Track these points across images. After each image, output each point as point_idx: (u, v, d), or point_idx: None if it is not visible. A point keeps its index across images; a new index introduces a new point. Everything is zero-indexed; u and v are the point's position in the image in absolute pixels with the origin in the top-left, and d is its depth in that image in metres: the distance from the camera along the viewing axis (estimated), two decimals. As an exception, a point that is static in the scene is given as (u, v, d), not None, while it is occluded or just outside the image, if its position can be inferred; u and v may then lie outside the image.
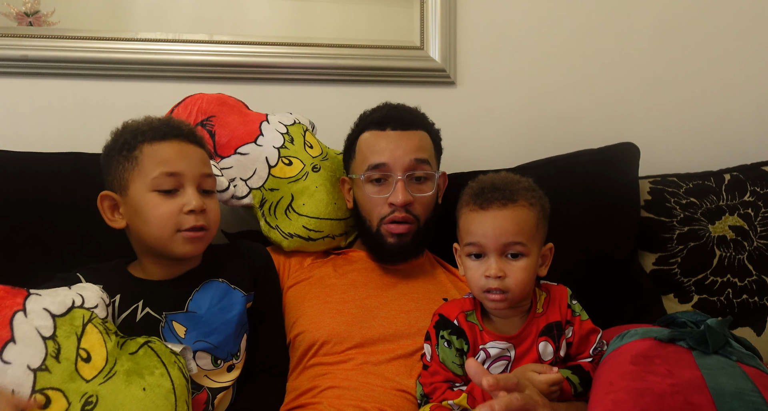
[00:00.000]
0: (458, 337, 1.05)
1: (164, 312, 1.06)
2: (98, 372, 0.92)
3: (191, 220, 1.04)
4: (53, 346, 0.90)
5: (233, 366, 1.11)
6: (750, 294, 1.43)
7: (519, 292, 1.02)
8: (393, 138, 1.24)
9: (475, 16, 1.66)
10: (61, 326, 0.92)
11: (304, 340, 1.16)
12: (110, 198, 1.07)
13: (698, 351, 0.93)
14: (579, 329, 1.06)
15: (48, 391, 0.88)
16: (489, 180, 1.07)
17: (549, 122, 1.70)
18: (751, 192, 1.49)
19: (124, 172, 1.05)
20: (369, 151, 1.25)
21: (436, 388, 1.06)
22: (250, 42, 1.56)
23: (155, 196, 1.03)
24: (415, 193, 1.23)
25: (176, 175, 1.04)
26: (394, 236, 1.23)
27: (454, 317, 1.07)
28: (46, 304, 0.93)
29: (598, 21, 1.71)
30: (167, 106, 1.30)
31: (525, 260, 1.02)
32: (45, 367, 0.89)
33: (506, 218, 1.02)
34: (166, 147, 1.05)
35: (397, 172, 1.21)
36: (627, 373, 0.91)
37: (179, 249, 1.04)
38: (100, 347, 0.95)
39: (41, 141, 1.41)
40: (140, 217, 1.04)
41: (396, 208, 1.21)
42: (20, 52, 1.47)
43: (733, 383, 0.85)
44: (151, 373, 0.95)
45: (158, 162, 1.04)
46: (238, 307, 1.10)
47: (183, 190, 1.04)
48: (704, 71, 1.74)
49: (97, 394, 0.90)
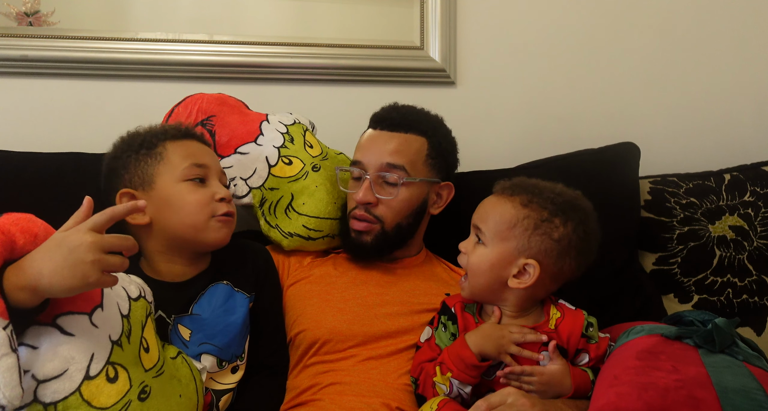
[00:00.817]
0: (453, 323, 1.07)
1: (173, 315, 1.06)
2: (153, 365, 0.93)
3: (223, 206, 1.09)
4: (127, 325, 0.90)
5: (237, 367, 1.11)
6: (750, 294, 1.43)
7: (473, 273, 1.05)
8: (374, 137, 1.26)
9: (475, 16, 1.66)
10: (134, 310, 0.93)
11: (305, 338, 1.16)
12: (130, 195, 1.07)
13: (704, 349, 0.93)
14: (596, 354, 1.04)
15: (118, 367, 0.87)
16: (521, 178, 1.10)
17: (549, 122, 1.70)
18: (751, 192, 1.49)
19: (148, 168, 1.07)
20: (355, 148, 1.28)
21: (422, 370, 1.07)
22: (250, 42, 1.56)
23: (188, 185, 1.07)
24: (382, 195, 1.22)
25: (204, 166, 1.09)
26: (354, 231, 1.24)
27: (452, 305, 1.10)
28: (125, 284, 0.93)
29: (598, 21, 1.71)
30: (167, 106, 1.30)
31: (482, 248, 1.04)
32: (120, 342, 0.88)
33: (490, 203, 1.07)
34: (189, 143, 1.11)
35: (370, 170, 1.22)
36: (632, 367, 0.91)
37: (213, 235, 1.08)
38: (155, 343, 0.96)
39: (41, 141, 1.40)
40: (172, 208, 1.05)
41: (358, 205, 1.23)
42: (20, 52, 1.47)
43: (738, 381, 0.86)
44: (187, 384, 0.97)
45: (186, 155, 1.09)
46: (242, 309, 1.11)
47: (209, 182, 1.09)
48: (704, 71, 1.74)
49: (151, 386, 0.90)
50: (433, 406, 0.98)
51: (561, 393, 1.00)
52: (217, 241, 1.09)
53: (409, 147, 1.24)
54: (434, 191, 1.28)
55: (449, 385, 1.01)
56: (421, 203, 1.26)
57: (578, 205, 1.06)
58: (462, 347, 1.01)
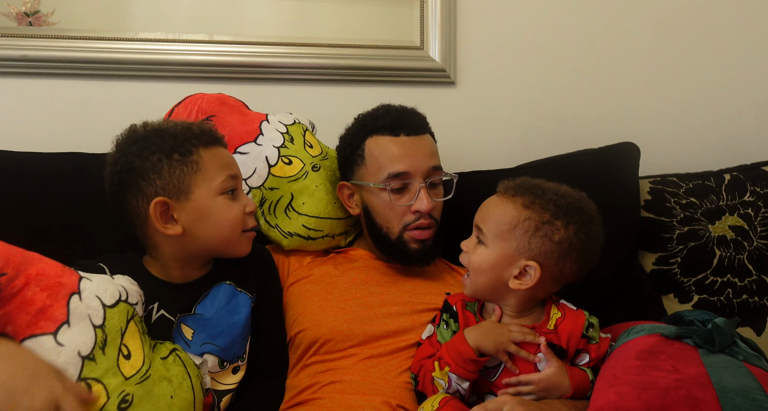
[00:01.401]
0: (455, 321, 1.08)
1: (178, 314, 1.06)
2: (136, 371, 0.91)
3: (252, 220, 1.10)
4: (101, 336, 0.89)
5: (238, 368, 1.11)
6: (750, 294, 1.43)
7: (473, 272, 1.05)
8: (409, 144, 1.23)
9: (475, 16, 1.66)
10: (110, 318, 0.91)
11: (305, 338, 1.16)
12: (162, 203, 1.01)
13: (704, 349, 0.93)
14: (597, 355, 1.04)
15: (91, 382, 0.86)
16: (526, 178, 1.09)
17: (549, 122, 1.70)
18: (751, 192, 1.49)
19: (185, 177, 1.02)
20: (385, 159, 1.23)
21: (422, 366, 1.07)
22: (250, 42, 1.56)
23: (224, 200, 1.05)
24: (435, 199, 1.24)
25: (236, 177, 1.09)
26: (418, 242, 1.23)
27: (454, 303, 1.10)
28: (99, 291, 0.92)
29: (598, 21, 1.71)
30: (167, 106, 1.30)
31: (483, 248, 1.03)
32: (92, 356, 0.87)
33: (491, 204, 1.05)
34: (221, 151, 1.09)
35: (419, 179, 1.21)
36: (632, 367, 0.91)
37: (243, 248, 1.09)
38: (138, 347, 0.94)
39: (41, 141, 1.41)
40: (209, 221, 1.04)
41: (422, 214, 1.22)
42: (20, 52, 1.47)
43: (738, 381, 0.86)
44: (180, 384, 0.96)
45: (221, 165, 1.06)
46: (245, 309, 1.10)
47: (238, 192, 1.09)
48: (704, 71, 1.74)
49: (133, 393, 0.89)
50: (435, 404, 0.98)
51: (560, 394, 1.00)
52: (243, 253, 1.10)
53: (435, 147, 1.29)
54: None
55: (447, 381, 1.01)
56: None
57: (581, 207, 1.05)
58: (461, 342, 1.01)
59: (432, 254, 1.26)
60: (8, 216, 1.21)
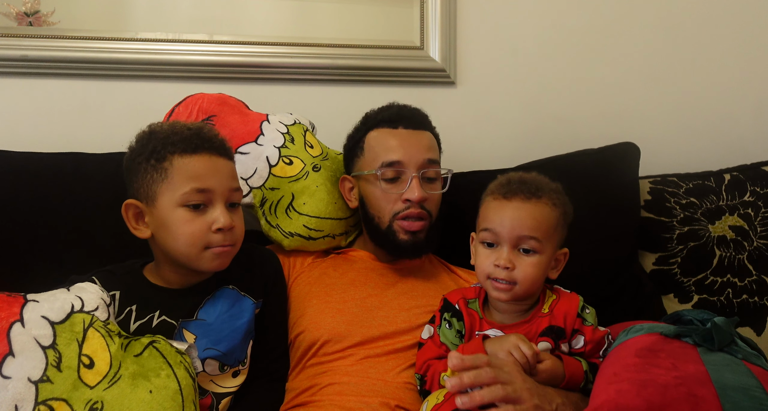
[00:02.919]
0: (458, 320, 1.07)
1: (180, 319, 1.05)
2: (102, 377, 0.91)
3: (219, 238, 1.02)
4: (54, 355, 0.88)
5: (238, 372, 1.10)
6: (750, 294, 1.43)
7: (526, 287, 1.02)
8: (405, 136, 1.26)
9: (475, 16, 1.66)
10: (61, 334, 0.90)
11: (305, 339, 1.16)
12: (135, 206, 1.03)
13: (704, 348, 0.93)
14: (592, 338, 1.04)
15: (51, 402, 0.86)
16: (518, 175, 1.09)
17: (549, 122, 1.70)
18: (751, 192, 1.49)
19: (153, 184, 1.01)
20: (382, 149, 1.25)
21: (429, 365, 1.07)
22: (250, 42, 1.56)
23: (184, 213, 1.01)
24: (428, 191, 1.24)
25: (206, 191, 1.02)
26: (408, 233, 1.23)
27: (455, 301, 1.09)
28: (45, 311, 0.91)
29: (598, 21, 1.71)
30: (167, 106, 1.30)
31: (537, 257, 1.02)
32: (46, 377, 0.86)
33: (526, 211, 1.03)
34: (197, 161, 1.02)
35: (412, 169, 1.23)
36: (631, 365, 0.91)
37: (206, 265, 1.03)
38: (103, 352, 0.93)
39: (41, 141, 1.40)
40: (168, 232, 1.01)
41: (411, 204, 1.22)
42: (20, 52, 1.47)
43: (737, 379, 0.86)
44: (157, 375, 0.94)
45: (189, 177, 1.01)
46: (248, 314, 1.10)
47: (212, 207, 1.02)
48: (704, 71, 1.75)
49: (102, 399, 0.89)
50: (440, 397, 0.98)
51: (555, 384, 0.99)
52: (211, 269, 1.05)
53: (434, 143, 1.30)
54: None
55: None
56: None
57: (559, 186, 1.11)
58: (478, 350, 0.99)
59: (423, 249, 1.26)
60: (8, 216, 1.21)
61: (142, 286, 1.06)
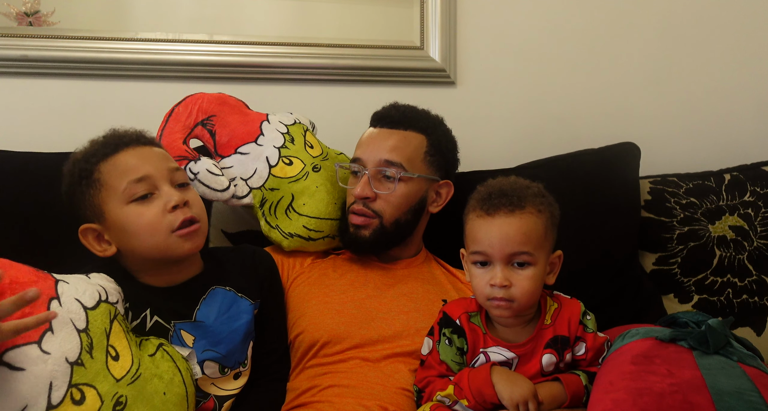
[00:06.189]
0: (459, 337, 1.05)
1: (173, 321, 1.04)
2: (126, 372, 0.90)
3: (179, 215, 0.99)
4: (87, 340, 0.87)
5: (240, 374, 1.10)
6: (750, 294, 1.43)
7: (525, 301, 1.00)
8: (373, 135, 1.27)
9: (475, 16, 1.66)
10: (93, 320, 0.89)
11: (304, 340, 1.17)
12: (91, 230, 1.01)
13: (699, 351, 0.93)
14: (593, 345, 1.04)
15: (83, 387, 0.84)
16: (497, 184, 1.05)
17: (549, 122, 1.70)
18: (751, 192, 1.49)
19: (93, 199, 1.00)
20: (356, 146, 1.29)
21: (429, 382, 1.06)
22: (250, 42, 1.56)
23: (134, 207, 0.99)
24: (380, 190, 1.23)
25: (145, 178, 0.99)
26: (353, 226, 1.25)
27: (457, 317, 1.06)
28: (78, 294, 0.89)
29: (599, 21, 1.71)
30: (167, 106, 1.30)
31: (532, 269, 1.00)
32: (81, 361, 0.85)
33: (513, 226, 0.99)
34: (122, 157, 1.01)
35: (367, 166, 1.24)
36: (627, 373, 0.91)
37: (179, 249, 1.00)
38: (125, 346, 0.93)
39: (41, 141, 1.40)
40: (129, 233, 0.99)
41: (356, 199, 1.24)
42: (20, 52, 1.47)
43: (732, 383, 0.86)
44: (171, 379, 0.94)
45: (121, 173, 0.99)
46: (246, 316, 1.09)
47: (158, 191, 1.00)
48: (704, 71, 1.74)
49: (126, 395, 0.88)
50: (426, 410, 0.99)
51: (559, 404, 1.00)
52: (186, 253, 1.02)
53: (407, 144, 1.26)
54: (433, 189, 1.29)
55: (453, 402, 1.02)
56: (419, 200, 1.27)
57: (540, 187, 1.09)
58: (486, 384, 0.99)
59: (366, 246, 1.25)
60: (8, 216, 1.21)
61: (133, 285, 1.04)
